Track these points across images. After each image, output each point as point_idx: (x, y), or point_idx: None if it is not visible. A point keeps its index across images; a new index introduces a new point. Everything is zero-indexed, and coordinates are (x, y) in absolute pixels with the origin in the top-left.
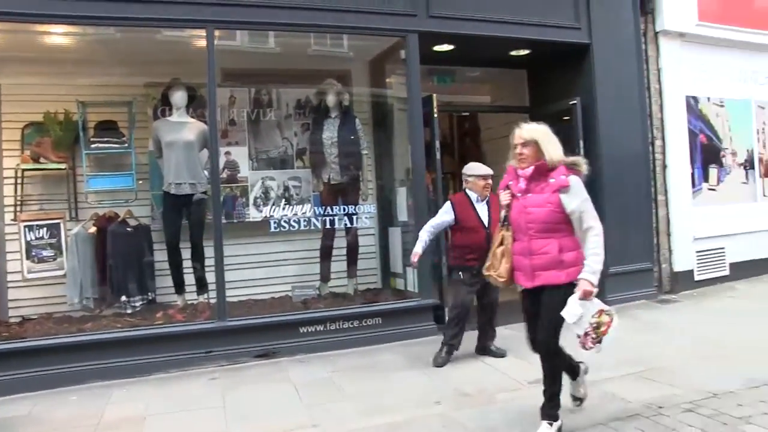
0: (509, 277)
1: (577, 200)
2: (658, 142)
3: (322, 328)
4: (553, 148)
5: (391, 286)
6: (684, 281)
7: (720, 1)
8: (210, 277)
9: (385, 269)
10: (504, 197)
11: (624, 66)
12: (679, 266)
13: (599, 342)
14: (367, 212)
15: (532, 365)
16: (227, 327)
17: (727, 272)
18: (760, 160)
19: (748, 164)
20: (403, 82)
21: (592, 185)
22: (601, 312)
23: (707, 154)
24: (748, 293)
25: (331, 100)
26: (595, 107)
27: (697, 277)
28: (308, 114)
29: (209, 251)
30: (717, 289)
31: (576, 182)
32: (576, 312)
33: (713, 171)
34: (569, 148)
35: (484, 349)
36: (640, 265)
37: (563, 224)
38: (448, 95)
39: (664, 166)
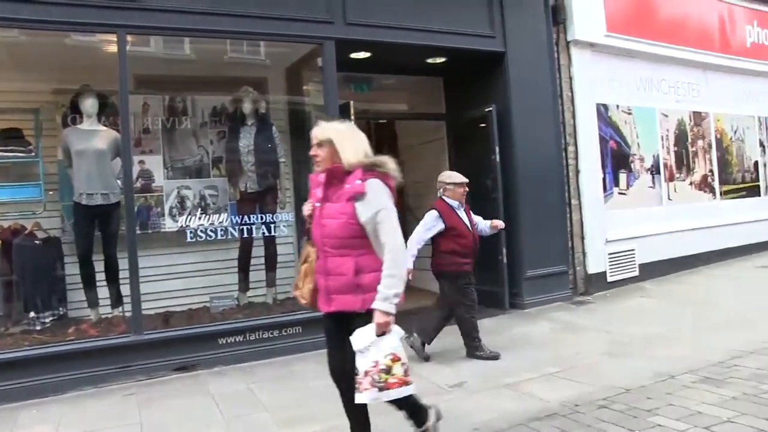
0: (312, 299)
1: (372, 209)
2: (571, 148)
3: (241, 339)
4: (349, 147)
5: None
6: (597, 283)
7: (626, 13)
8: (125, 289)
9: None
10: (306, 207)
11: (538, 74)
12: (592, 268)
13: (380, 390)
14: (285, 221)
15: (455, 370)
16: (143, 341)
17: (636, 273)
18: (665, 165)
19: (655, 169)
20: (320, 89)
21: (509, 191)
22: (396, 358)
23: (617, 160)
24: (656, 292)
25: (247, 107)
26: (511, 114)
27: (609, 279)
28: (224, 122)
29: (123, 263)
30: (628, 289)
31: (374, 188)
32: (363, 341)
33: (623, 176)
34: (486, 154)
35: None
36: (555, 268)
37: (362, 239)
38: (365, 103)
39: (577, 171)
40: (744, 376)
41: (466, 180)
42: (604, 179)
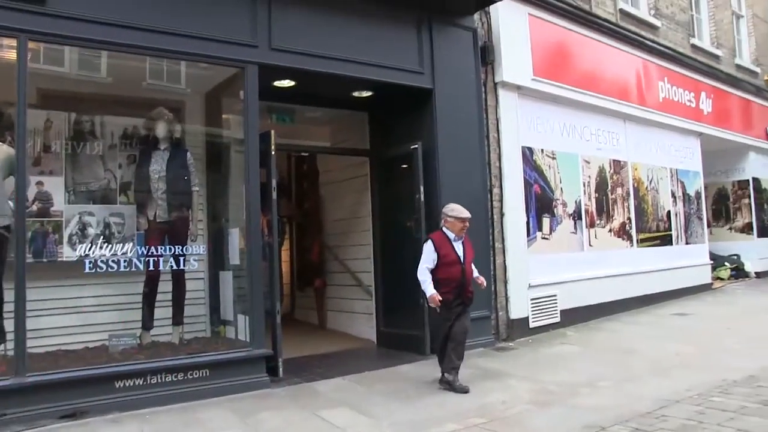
0: None
1: None
2: (496, 190)
3: (141, 382)
4: None
5: (221, 334)
6: (520, 328)
7: (552, 59)
8: (9, 324)
9: (214, 316)
10: None
11: (465, 113)
12: (515, 313)
13: None
14: (196, 254)
15: (375, 419)
16: (26, 384)
17: (558, 319)
18: (587, 211)
19: (577, 215)
20: (240, 116)
21: (432, 231)
22: None
23: (541, 204)
24: (578, 339)
25: (161, 130)
26: (437, 153)
27: (531, 324)
28: (135, 145)
29: (9, 295)
30: (550, 335)
31: None
32: None
33: (546, 220)
34: (410, 193)
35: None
36: (478, 313)
37: None
38: (286, 136)
39: (502, 214)
40: (673, 428)
41: (469, 215)
42: (528, 223)
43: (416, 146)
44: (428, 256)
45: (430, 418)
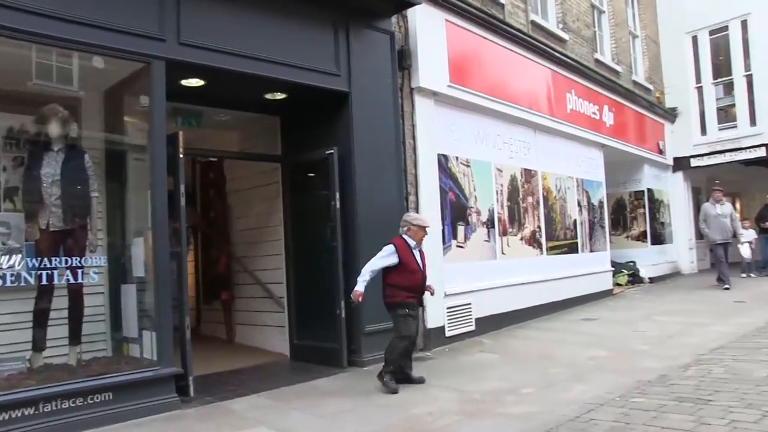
0: None
1: None
2: (411, 198)
3: (32, 412)
4: None
5: (124, 353)
6: (436, 338)
7: (467, 67)
8: None
9: (116, 334)
10: None
11: (382, 119)
12: (431, 323)
13: None
14: (95, 266)
15: None
16: None
17: (473, 327)
18: (499, 219)
19: (490, 223)
20: (145, 117)
21: (348, 240)
22: None
23: (456, 212)
24: (494, 347)
25: (54, 129)
26: (353, 159)
27: (448, 333)
28: (24, 146)
29: None
30: (466, 344)
31: None
32: None
33: (461, 228)
34: (324, 201)
35: (404, 379)
36: None
37: None
38: (192, 140)
39: None
40: (603, 431)
41: (429, 225)
42: (443, 231)
43: (332, 151)
44: (385, 259)
45: None
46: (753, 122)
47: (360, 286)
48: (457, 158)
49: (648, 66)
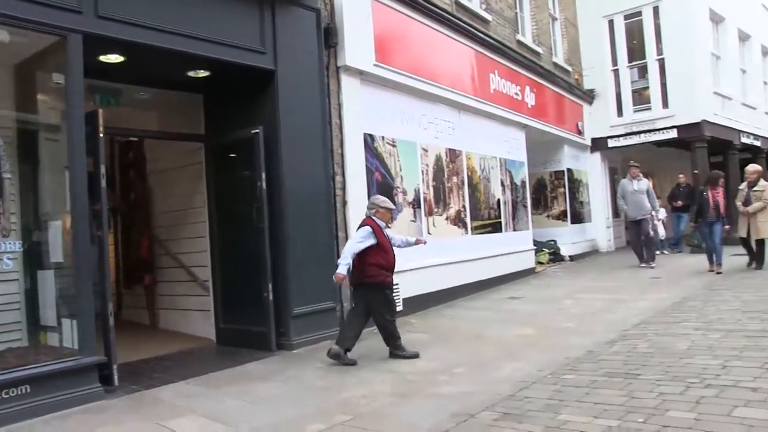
0: None
1: None
2: (338, 178)
3: None
4: None
5: (42, 342)
6: None
7: (393, 46)
8: None
9: (33, 322)
10: None
11: (308, 98)
12: None
13: None
14: (9, 251)
15: (228, 426)
16: None
17: (401, 308)
18: (425, 199)
19: (416, 203)
20: (61, 93)
21: (275, 221)
22: None
23: (382, 192)
24: (423, 327)
25: None
26: (279, 139)
27: None
28: None
29: None
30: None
31: None
32: None
33: None
34: (250, 181)
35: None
36: (324, 305)
37: None
38: (111, 119)
39: (344, 203)
40: (539, 408)
41: (394, 207)
42: None
43: (257, 131)
44: (365, 241)
45: (292, 419)
46: (665, 105)
47: (342, 269)
48: (383, 138)
49: (567, 48)
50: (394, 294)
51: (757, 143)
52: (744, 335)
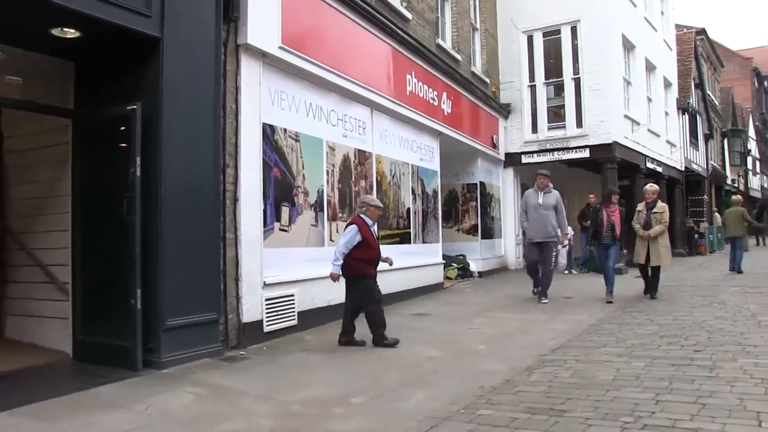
0: None
1: None
2: (230, 171)
3: None
4: None
5: None
6: (253, 333)
7: (303, 30)
8: None
9: None
10: None
11: (200, 76)
12: (248, 316)
13: None
14: None
15: None
16: None
17: (296, 322)
18: (329, 202)
19: (319, 206)
20: None
21: (149, 216)
22: None
23: (280, 191)
24: (318, 344)
25: None
26: (161, 119)
27: (266, 329)
28: None
29: None
30: (287, 340)
31: None
32: None
33: (286, 210)
34: (123, 166)
35: (350, 341)
36: (204, 316)
37: None
38: None
39: (236, 200)
40: None
41: (382, 205)
42: (264, 211)
43: (134, 107)
44: (352, 239)
45: None
46: (579, 124)
47: (336, 269)
48: (285, 131)
49: (486, 59)
50: (375, 283)
51: (659, 169)
52: (669, 363)
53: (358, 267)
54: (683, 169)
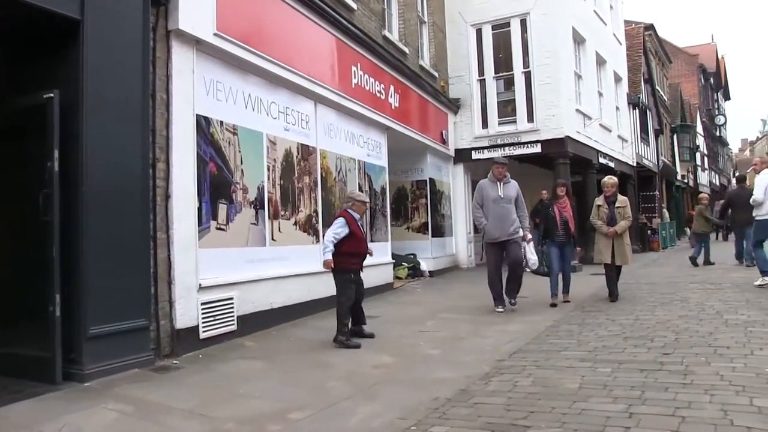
0: None
1: None
2: (161, 165)
3: None
4: None
5: None
6: (187, 340)
7: (240, 16)
8: None
9: None
10: None
11: (126, 63)
12: (181, 322)
13: None
14: None
15: None
16: None
17: (235, 327)
18: (270, 200)
19: (259, 204)
20: None
21: (69, 214)
22: None
23: (217, 187)
24: (259, 351)
25: None
26: (82, 108)
27: (202, 335)
28: None
29: None
30: (225, 347)
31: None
32: None
33: (223, 207)
34: (38, 160)
35: (357, 332)
36: (132, 323)
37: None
38: None
39: (167, 197)
40: None
41: (368, 200)
42: (199, 209)
43: (51, 95)
44: (339, 230)
45: None
46: (531, 119)
47: (328, 255)
48: (221, 123)
49: (434, 53)
50: (351, 281)
51: (612, 164)
52: (637, 368)
53: (341, 260)
54: (635, 164)
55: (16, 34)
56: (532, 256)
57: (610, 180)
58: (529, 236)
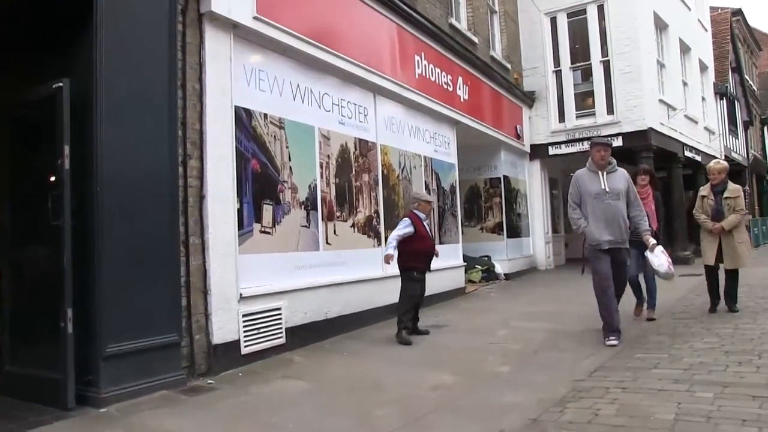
0: None
1: None
2: (193, 163)
3: None
4: None
5: None
6: (227, 356)
7: None
8: None
9: None
10: None
11: (150, 49)
12: (219, 337)
13: None
14: None
15: None
16: None
17: (283, 340)
18: (324, 200)
19: (311, 204)
20: None
21: (84, 217)
22: None
23: (261, 186)
24: (307, 369)
25: None
26: (96, 99)
27: (244, 350)
28: None
29: None
30: (270, 364)
31: None
32: None
33: (268, 208)
34: (49, 158)
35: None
36: (160, 339)
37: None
38: None
39: (201, 197)
40: None
41: (433, 200)
42: (240, 211)
43: (60, 85)
44: (404, 229)
45: None
46: (610, 111)
47: (390, 250)
48: (265, 116)
49: (506, 44)
50: (416, 280)
51: (698, 158)
52: (746, 394)
53: (405, 259)
54: (723, 158)
55: (24, 18)
56: (664, 261)
57: (717, 165)
58: (653, 241)
